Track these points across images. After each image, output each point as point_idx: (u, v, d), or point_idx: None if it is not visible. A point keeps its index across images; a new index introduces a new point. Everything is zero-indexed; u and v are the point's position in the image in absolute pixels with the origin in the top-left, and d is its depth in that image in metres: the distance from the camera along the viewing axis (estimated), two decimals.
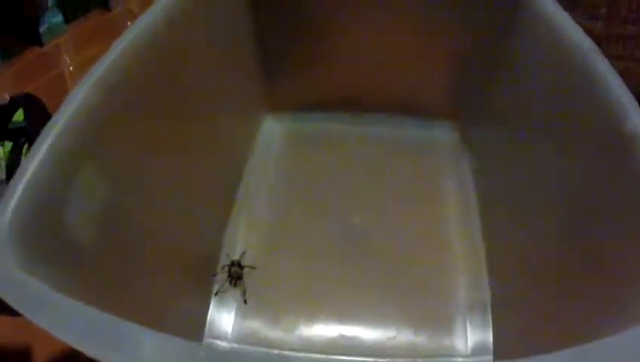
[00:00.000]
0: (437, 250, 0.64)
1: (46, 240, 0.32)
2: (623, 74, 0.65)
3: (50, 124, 0.35)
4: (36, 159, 0.32)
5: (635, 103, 0.39)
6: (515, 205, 0.58)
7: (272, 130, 0.79)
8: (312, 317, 0.58)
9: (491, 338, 0.56)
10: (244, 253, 0.62)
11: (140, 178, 0.45)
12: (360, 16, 0.69)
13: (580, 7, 0.69)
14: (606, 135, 0.40)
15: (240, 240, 0.65)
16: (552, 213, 0.49)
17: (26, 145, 0.70)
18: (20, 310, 0.26)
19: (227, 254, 0.62)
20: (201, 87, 0.59)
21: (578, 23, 0.68)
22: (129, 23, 0.98)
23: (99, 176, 0.38)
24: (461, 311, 0.58)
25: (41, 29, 0.97)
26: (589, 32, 0.67)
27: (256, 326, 0.58)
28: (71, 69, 0.94)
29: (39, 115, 0.73)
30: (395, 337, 0.56)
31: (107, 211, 0.38)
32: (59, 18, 0.99)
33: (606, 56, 0.64)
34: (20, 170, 0.31)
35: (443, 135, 0.78)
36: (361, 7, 0.68)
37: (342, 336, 0.57)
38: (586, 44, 0.47)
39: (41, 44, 0.98)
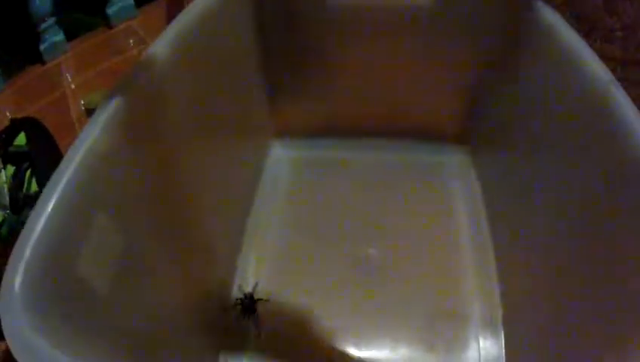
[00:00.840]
0: (450, 274, 0.65)
1: (59, 298, 0.31)
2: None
3: (58, 171, 0.34)
4: (45, 213, 0.31)
5: None
6: (526, 228, 0.59)
7: (281, 157, 0.79)
8: (329, 346, 0.58)
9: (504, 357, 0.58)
10: (256, 285, 0.62)
11: (153, 215, 0.44)
12: (368, 42, 0.69)
13: (595, 31, 0.69)
14: (624, 169, 0.41)
15: (252, 271, 0.65)
16: (563, 238, 0.49)
17: (29, 171, 0.69)
18: None
19: (239, 286, 0.62)
20: (212, 115, 0.59)
21: (594, 47, 0.68)
22: (131, 42, 1.00)
23: (113, 224, 0.37)
24: (474, 332, 0.59)
25: (42, 47, 0.96)
26: (606, 57, 0.67)
27: (271, 358, 0.58)
28: (72, 87, 0.93)
29: (42, 139, 0.72)
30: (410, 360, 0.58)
31: (122, 259, 0.37)
32: (60, 36, 0.98)
33: (622, 81, 0.64)
34: (28, 224, 0.30)
35: (454, 159, 0.78)
36: (370, 33, 0.68)
37: None
38: (604, 75, 0.47)
39: (42, 62, 0.97)
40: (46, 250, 0.30)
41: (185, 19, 0.52)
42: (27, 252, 0.29)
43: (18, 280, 0.28)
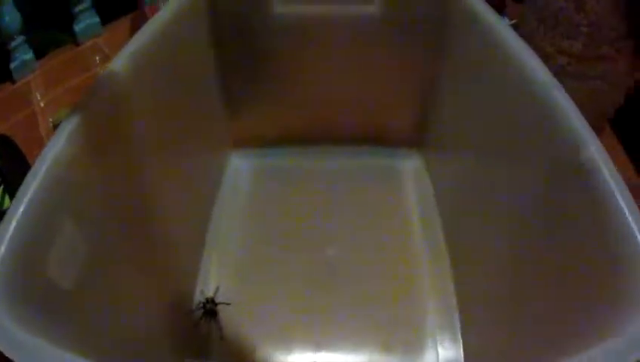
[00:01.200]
0: (406, 276, 0.67)
1: (33, 292, 0.34)
2: (593, 94, 0.65)
3: (28, 177, 0.37)
4: (18, 214, 0.34)
5: (593, 134, 0.40)
6: (477, 229, 0.61)
7: (239, 167, 0.81)
8: (289, 349, 0.60)
9: (462, 358, 0.59)
10: (217, 289, 0.63)
11: (116, 222, 0.47)
12: (321, 51, 0.71)
13: (560, 26, 0.68)
14: (562, 162, 0.42)
15: (214, 276, 0.66)
16: (514, 240, 0.50)
17: (1, 187, 0.72)
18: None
19: (201, 290, 0.63)
20: (172, 127, 0.60)
21: (556, 42, 0.66)
22: (97, 58, 1.02)
23: (80, 228, 0.40)
24: (432, 334, 0.61)
25: (12, 66, 0.98)
26: (565, 52, 0.66)
27: (233, 361, 0.59)
28: (42, 105, 0.95)
29: (14, 156, 0.75)
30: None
31: (87, 262, 0.40)
32: (30, 55, 1.00)
33: (579, 76, 0.62)
34: (3, 224, 0.33)
35: (408, 163, 0.81)
36: (322, 42, 0.70)
37: None
38: (547, 79, 0.47)
39: (13, 81, 0.99)
40: (17, 252, 0.33)
41: (143, 35, 0.54)
42: (1, 249, 0.32)
43: None
